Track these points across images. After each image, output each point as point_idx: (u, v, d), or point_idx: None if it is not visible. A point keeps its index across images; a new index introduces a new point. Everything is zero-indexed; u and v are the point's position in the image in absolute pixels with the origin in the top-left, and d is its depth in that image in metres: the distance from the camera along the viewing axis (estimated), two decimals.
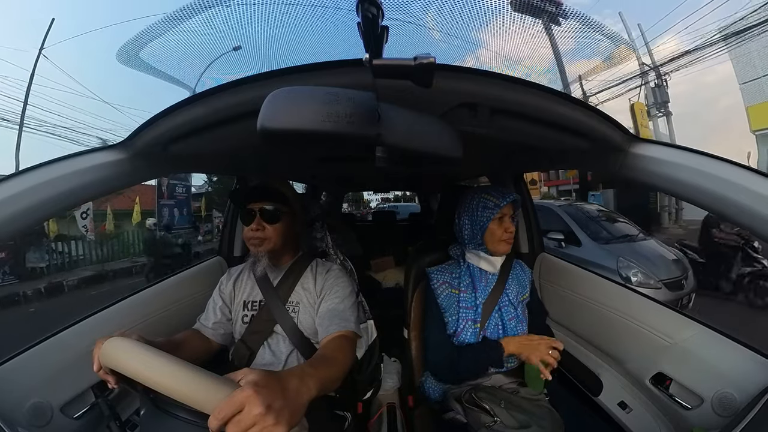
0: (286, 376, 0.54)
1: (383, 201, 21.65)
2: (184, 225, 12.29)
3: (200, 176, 13.49)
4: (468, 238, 1.11)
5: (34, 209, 0.70)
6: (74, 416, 0.88)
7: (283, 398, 0.48)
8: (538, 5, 3.25)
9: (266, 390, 0.47)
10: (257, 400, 0.44)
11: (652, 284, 3.40)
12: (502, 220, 1.06)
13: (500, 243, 1.06)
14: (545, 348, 0.95)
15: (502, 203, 1.04)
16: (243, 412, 0.44)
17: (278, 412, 0.46)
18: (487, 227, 1.06)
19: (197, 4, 1.07)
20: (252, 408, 0.44)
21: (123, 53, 0.69)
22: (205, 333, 1.01)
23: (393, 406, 1.30)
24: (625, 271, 3.52)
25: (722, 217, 0.70)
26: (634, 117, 11.10)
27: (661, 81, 10.79)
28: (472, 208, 1.09)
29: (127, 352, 0.55)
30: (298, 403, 0.52)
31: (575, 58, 3.62)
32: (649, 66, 10.80)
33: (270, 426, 0.44)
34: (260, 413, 0.44)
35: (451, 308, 1.09)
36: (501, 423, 0.92)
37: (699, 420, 0.90)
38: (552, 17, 2.10)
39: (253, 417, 0.43)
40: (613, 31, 3.19)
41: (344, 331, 0.88)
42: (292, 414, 0.48)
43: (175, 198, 12.60)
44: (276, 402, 0.46)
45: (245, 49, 2.42)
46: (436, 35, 4.16)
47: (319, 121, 0.44)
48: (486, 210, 1.06)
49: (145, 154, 0.84)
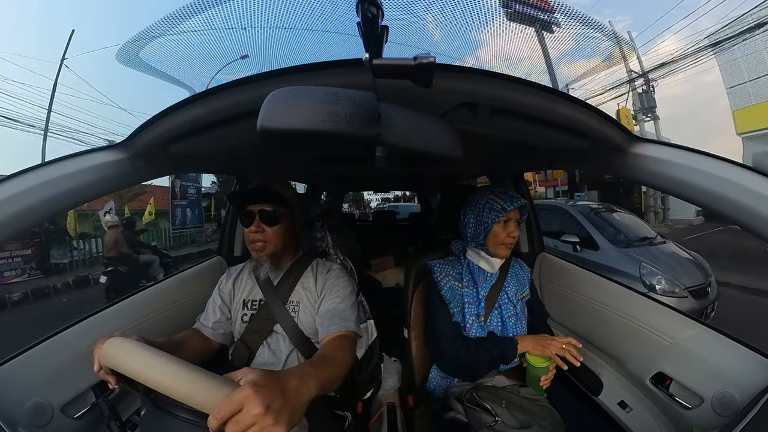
0: (285, 375, 0.54)
1: (383, 201, 21.67)
2: (195, 224, 13.37)
3: (209, 177, 14.01)
4: (471, 237, 1.11)
5: (34, 209, 0.70)
6: (75, 416, 0.88)
7: (282, 398, 0.48)
8: (531, 15, 3.25)
9: (266, 390, 0.46)
10: (256, 399, 0.44)
11: (678, 293, 3.04)
12: (507, 224, 1.06)
13: (501, 246, 1.06)
14: (559, 344, 0.96)
15: (509, 207, 1.03)
16: (242, 411, 0.43)
17: (277, 412, 0.46)
18: (491, 229, 1.06)
19: (197, 5, 1.08)
20: (251, 408, 0.44)
21: (123, 53, 0.69)
22: (205, 333, 1.01)
23: (393, 406, 1.30)
24: (649, 278, 3.14)
25: (722, 216, 0.70)
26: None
27: (649, 87, 10.90)
28: (478, 208, 1.09)
29: (126, 352, 0.55)
30: (297, 402, 0.52)
31: (567, 61, 3.60)
32: (636, 73, 10.91)
33: (269, 426, 0.44)
34: (259, 413, 0.44)
35: (455, 300, 1.09)
36: (502, 423, 0.92)
37: (699, 420, 0.90)
38: (545, 25, 2.09)
39: (252, 417, 0.43)
40: (603, 35, 3.16)
41: (344, 331, 0.88)
42: (291, 414, 0.48)
43: (187, 199, 13.37)
44: (275, 402, 0.46)
45: (245, 49, 2.41)
46: (436, 35, 4.11)
47: (319, 121, 0.44)
48: (492, 212, 1.05)
49: (145, 154, 0.84)
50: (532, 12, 3.90)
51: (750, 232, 0.67)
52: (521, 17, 1.62)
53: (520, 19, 2.14)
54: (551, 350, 0.95)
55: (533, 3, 3.81)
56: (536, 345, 0.98)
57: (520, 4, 3.92)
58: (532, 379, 1.00)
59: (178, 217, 12.56)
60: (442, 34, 5.33)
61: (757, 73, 10.83)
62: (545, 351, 0.95)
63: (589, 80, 9.51)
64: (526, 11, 4.04)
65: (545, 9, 4.34)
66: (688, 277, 3.21)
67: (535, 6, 4.02)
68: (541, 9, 4.25)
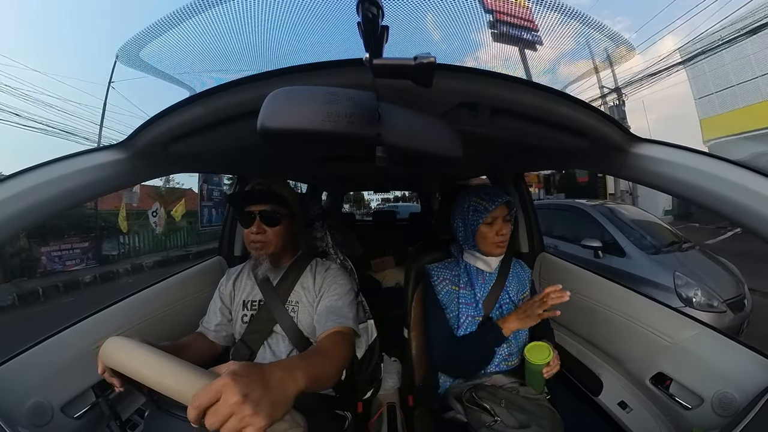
0: (269, 367, 0.52)
1: (383, 201, 21.67)
2: (219, 222, 15.19)
3: (227, 178, 15.21)
4: (462, 240, 1.12)
5: (35, 209, 0.70)
6: (75, 416, 0.88)
7: (262, 388, 0.46)
8: (516, 35, 3.26)
9: (245, 379, 0.45)
10: (234, 388, 0.43)
11: (716, 306, 2.61)
12: (494, 223, 1.04)
13: (493, 246, 1.05)
14: (538, 307, 0.95)
15: (491, 207, 1.02)
16: (220, 401, 0.43)
17: (257, 402, 0.44)
18: (477, 230, 1.05)
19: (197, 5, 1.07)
20: (228, 396, 0.43)
21: (123, 53, 0.69)
22: (208, 335, 1.02)
23: (393, 406, 1.29)
24: (686, 290, 2.70)
25: (723, 216, 0.70)
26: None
27: (620, 101, 11.38)
28: (463, 211, 1.08)
29: (120, 349, 0.56)
30: (281, 395, 0.49)
31: (564, 62, 3.59)
32: (609, 88, 11.46)
33: (248, 416, 0.43)
34: (237, 401, 0.42)
35: (452, 305, 1.09)
36: (501, 422, 0.92)
37: (699, 420, 0.90)
38: (528, 44, 2.10)
39: (229, 406, 0.42)
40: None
41: (340, 327, 0.86)
42: (273, 405, 0.46)
43: (212, 200, 15.37)
44: (254, 391, 0.45)
45: (245, 49, 2.44)
46: (437, 35, 4.16)
47: (319, 121, 0.44)
48: (476, 213, 1.04)
49: (146, 153, 0.84)
50: (517, 33, 3.96)
51: (750, 232, 0.67)
52: (507, 38, 1.61)
53: (506, 40, 2.11)
54: (533, 314, 0.95)
55: (517, 24, 3.87)
56: (519, 320, 0.97)
57: (505, 26, 3.97)
58: (531, 377, 1.00)
59: (205, 216, 14.82)
60: (442, 34, 5.39)
61: (722, 86, 11.94)
62: (528, 320, 0.96)
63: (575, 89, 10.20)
64: (512, 32, 4.10)
65: (530, 28, 4.40)
66: (724, 289, 2.79)
67: (519, 26, 4.10)
68: (525, 29, 4.33)
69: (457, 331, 1.06)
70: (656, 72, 9.49)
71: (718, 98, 12.28)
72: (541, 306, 0.95)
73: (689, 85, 13.03)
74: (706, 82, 12.39)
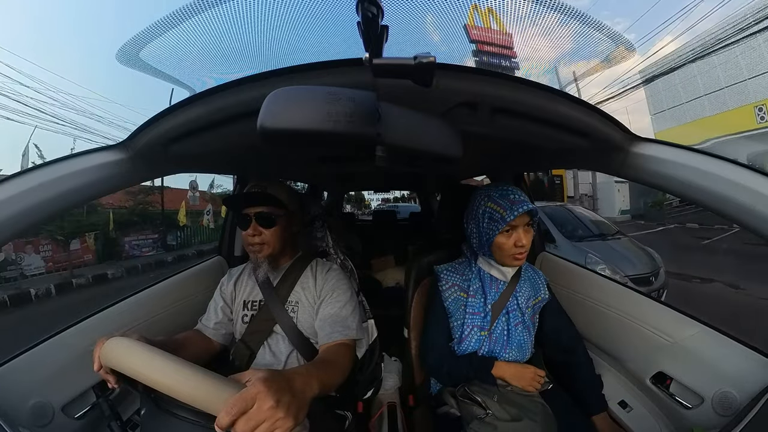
0: (291, 374, 0.57)
1: (383, 201, 21.65)
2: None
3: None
4: (477, 247, 1.04)
5: (35, 209, 0.70)
6: (75, 416, 0.88)
7: (290, 394, 0.50)
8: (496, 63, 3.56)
9: (275, 386, 0.49)
10: (268, 395, 0.46)
11: (618, 279, 3.44)
12: (512, 232, 0.94)
13: (510, 258, 0.95)
14: (531, 377, 0.97)
15: (509, 217, 0.89)
16: (254, 407, 0.45)
17: (287, 407, 0.48)
18: (493, 240, 0.95)
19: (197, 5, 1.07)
20: (263, 403, 0.46)
21: (123, 53, 0.69)
22: (206, 333, 1.02)
23: (393, 406, 1.29)
24: (593, 266, 3.55)
25: (723, 216, 0.70)
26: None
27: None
28: (477, 217, 0.98)
29: (128, 352, 0.55)
30: (303, 399, 0.54)
31: (564, 63, 3.58)
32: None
33: (281, 419, 0.46)
34: (271, 406, 0.46)
35: (458, 313, 1.05)
36: (493, 415, 0.93)
37: (699, 419, 0.90)
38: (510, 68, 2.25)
39: (264, 412, 0.45)
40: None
41: (346, 339, 0.90)
42: (298, 409, 0.50)
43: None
44: (284, 397, 0.48)
45: (245, 49, 2.43)
46: (437, 35, 4.14)
47: (319, 121, 0.44)
48: (492, 222, 0.94)
49: (146, 154, 0.84)
50: (496, 61, 4.17)
51: (750, 231, 0.67)
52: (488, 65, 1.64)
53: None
54: (527, 383, 0.97)
55: (499, 52, 4.04)
56: (513, 377, 0.98)
57: (487, 55, 4.18)
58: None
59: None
60: (442, 34, 5.35)
61: (674, 103, 14.35)
62: (522, 382, 0.97)
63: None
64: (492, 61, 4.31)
65: (510, 57, 4.62)
66: (632, 267, 3.72)
67: (500, 55, 4.30)
68: (506, 57, 4.54)
69: (459, 344, 1.03)
70: (618, 93, 10.53)
71: (671, 114, 14.63)
72: (533, 379, 0.97)
73: (646, 102, 15.64)
74: (660, 99, 14.85)
